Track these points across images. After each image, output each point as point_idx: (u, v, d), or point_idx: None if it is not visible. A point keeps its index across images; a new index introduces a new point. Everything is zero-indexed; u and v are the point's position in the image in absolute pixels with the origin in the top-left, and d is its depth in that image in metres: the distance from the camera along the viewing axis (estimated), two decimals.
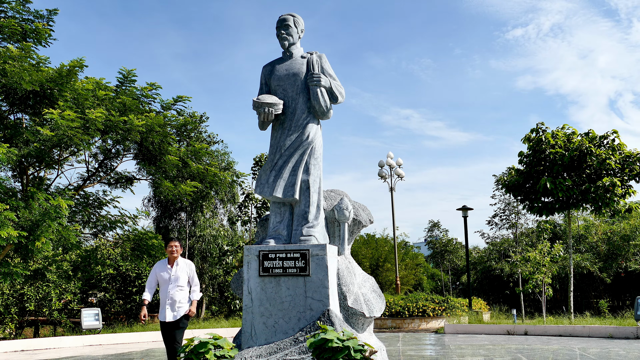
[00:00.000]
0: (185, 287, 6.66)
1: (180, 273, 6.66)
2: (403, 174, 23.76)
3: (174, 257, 6.71)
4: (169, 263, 6.73)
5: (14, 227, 11.12)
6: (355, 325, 6.22)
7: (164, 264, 6.77)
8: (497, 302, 29.26)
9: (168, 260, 6.77)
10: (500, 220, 29.88)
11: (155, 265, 6.85)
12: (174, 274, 6.64)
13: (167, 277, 6.64)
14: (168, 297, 6.55)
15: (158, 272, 6.73)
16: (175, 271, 6.65)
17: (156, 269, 6.78)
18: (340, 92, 6.51)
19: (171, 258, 6.73)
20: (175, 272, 6.64)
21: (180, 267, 6.70)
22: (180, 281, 6.63)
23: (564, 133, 18.43)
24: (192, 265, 6.84)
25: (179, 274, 6.64)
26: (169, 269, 6.68)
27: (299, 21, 6.66)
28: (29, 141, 12.72)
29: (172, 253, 6.71)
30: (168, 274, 6.65)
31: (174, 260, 6.72)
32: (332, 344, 4.76)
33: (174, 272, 6.65)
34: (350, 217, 6.43)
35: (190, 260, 6.57)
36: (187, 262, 6.81)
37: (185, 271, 6.70)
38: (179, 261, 6.73)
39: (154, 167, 14.46)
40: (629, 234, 26.87)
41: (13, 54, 11.79)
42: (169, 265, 6.72)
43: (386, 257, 33.24)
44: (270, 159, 6.43)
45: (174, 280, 6.60)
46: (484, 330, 15.24)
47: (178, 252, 6.74)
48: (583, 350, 10.67)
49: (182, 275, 6.66)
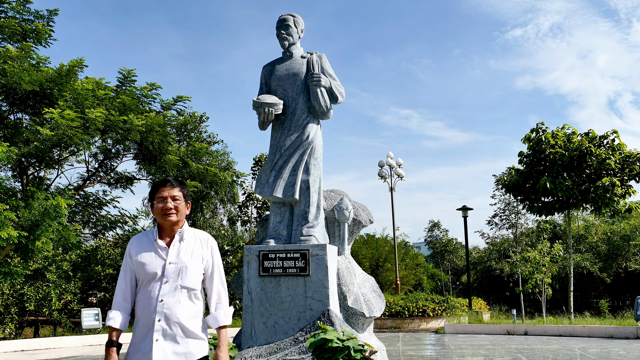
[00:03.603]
0: (197, 291, 3.03)
1: (187, 259, 3.01)
2: (403, 174, 23.76)
3: (172, 221, 3.05)
4: (162, 236, 3.09)
5: (14, 227, 11.12)
6: (355, 325, 6.22)
7: (150, 240, 3.08)
8: (497, 302, 29.25)
9: (159, 230, 3.11)
10: (500, 220, 29.90)
11: (130, 243, 3.13)
12: (173, 259, 2.99)
13: (159, 266, 2.98)
14: (157, 314, 2.91)
15: (137, 257, 3.03)
16: (177, 254, 3.01)
17: (132, 252, 3.06)
18: (340, 92, 6.52)
19: (166, 225, 3.06)
20: (177, 257, 3.00)
21: (188, 245, 3.06)
22: (189, 277, 2.98)
23: (564, 133, 18.43)
24: (212, 242, 3.17)
25: (185, 260, 3.00)
26: (161, 249, 3.03)
27: (299, 21, 6.66)
28: (29, 141, 12.73)
29: (167, 213, 3.04)
30: (160, 259, 3.00)
31: (173, 230, 3.08)
32: (332, 344, 4.76)
33: (173, 255, 3.00)
34: (350, 217, 6.44)
35: (208, 234, 3.23)
36: (203, 237, 3.16)
37: (199, 255, 3.06)
38: (184, 233, 3.09)
39: (154, 167, 14.46)
40: (629, 234, 26.86)
41: (13, 54, 11.80)
42: (160, 240, 3.06)
43: (386, 257, 33.23)
44: (270, 159, 6.43)
45: (172, 275, 2.96)
46: (484, 330, 15.24)
47: (181, 211, 3.09)
48: (583, 350, 10.67)
49: (193, 263, 3.02)
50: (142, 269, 3.01)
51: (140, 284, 3.05)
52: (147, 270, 3.00)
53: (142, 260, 3.03)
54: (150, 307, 2.94)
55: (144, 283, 3.02)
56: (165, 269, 2.99)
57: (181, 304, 2.96)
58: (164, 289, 2.95)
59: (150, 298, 2.97)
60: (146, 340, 2.92)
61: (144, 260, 3.03)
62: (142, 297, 3.01)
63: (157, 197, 3.11)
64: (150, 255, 3.03)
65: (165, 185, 3.13)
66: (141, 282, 3.04)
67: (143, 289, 3.02)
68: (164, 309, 2.92)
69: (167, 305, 2.93)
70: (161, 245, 3.05)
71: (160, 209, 3.07)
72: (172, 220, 3.07)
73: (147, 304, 2.96)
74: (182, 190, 3.16)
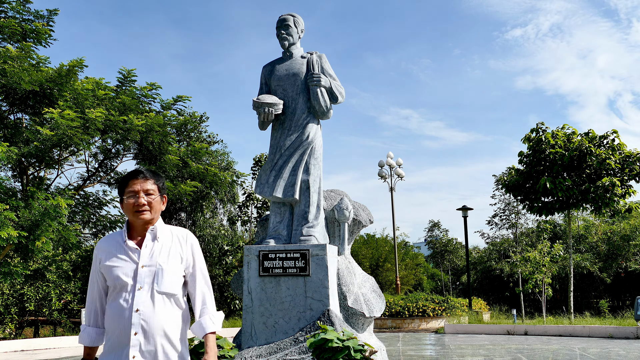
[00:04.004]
0: (178, 296, 2.66)
1: (163, 260, 2.64)
2: (403, 174, 23.77)
3: (145, 220, 2.67)
4: (133, 237, 2.71)
5: (14, 227, 11.12)
6: (355, 325, 6.22)
7: (119, 241, 2.69)
8: (497, 302, 29.24)
9: (129, 229, 2.73)
10: (500, 220, 29.90)
11: (98, 246, 2.75)
12: (146, 262, 2.62)
13: (130, 271, 2.60)
14: (133, 327, 2.52)
15: (106, 262, 2.65)
16: (150, 255, 2.64)
17: (100, 256, 2.68)
18: (340, 92, 6.51)
19: (138, 223, 2.69)
20: (150, 258, 2.63)
21: (163, 244, 2.69)
22: (166, 281, 2.61)
23: (564, 133, 18.43)
24: (192, 239, 2.79)
25: (160, 261, 2.63)
26: (132, 251, 2.65)
27: (299, 21, 6.66)
28: (29, 141, 12.73)
29: (139, 210, 2.66)
30: (131, 262, 2.62)
31: (145, 229, 2.70)
32: (332, 344, 4.76)
33: (146, 257, 2.63)
34: (350, 217, 6.44)
35: (188, 231, 2.84)
36: (181, 234, 2.78)
37: (176, 255, 2.69)
38: (158, 230, 2.71)
39: (154, 166, 14.47)
40: (629, 234, 26.87)
41: (13, 54, 11.80)
42: (130, 241, 2.67)
43: (386, 257, 33.24)
44: (270, 159, 6.43)
45: (147, 280, 2.59)
46: (484, 330, 15.24)
47: (155, 208, 2.70)
48: (583, 350, 10.67)
49: (170, 265, 2.65)
50: (112, 275, 2.62)
51: (111, 292, 2.64)
52: (117, 277, 2.59)
53: (111, 265, 2.63)
54: (124, 318, 2.53)
55: (115, 291, 2.62)
56: (138, 274, 2.59)
57: (160, 312, 2.56)
58: (139, 297, 2.54)
59: (123, 308, 2.55)
60: (121, 358, 2.51)
61: (113, 265, 2.62)
62: (113, 308, 2.58)
63: (128, 191, 2.69)
64: (120, 259, 2.63)
65: (136, 177, 2.70)
66: (112, 291, 2.63)
67: (114, 298, 2.61)
68: (140, 320, 2.52)
69: (144, 316, 2.52)
70: (132, 247, 2.65)
71: (131, 206, 2.66)
72: (145, 218, 2.66)
73: (120, 316, 2.54)
74: (157, 182, 2.75)
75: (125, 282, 2.58)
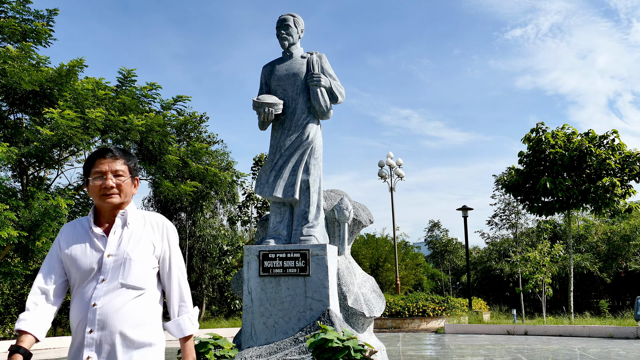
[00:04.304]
0: (146, 290, 2.33)
1: (132, 248, 2.33)
2: (403, 174, 23.77)
3: (113, 204, 2.36)
4: (101, 223, 2.41)
5: (14, 227, 11.12)
6: (355, 325, 6.22)
7: (85, 228, 2.39)
8: (497, 302, 29.25)
9: (96, 215, 2.42)
10: (500, 220, 29.92)
11: (61, 232, 2.44)
12: (113, 251, 2.31)
13: (94, 260, 2.30)
14: (89, 324, 2.22)
15: (68, 250, 2.34)
16: (117, 243, 2.33)
17: (62, 242, 2.38)
18: (340, 92, 6.52)
19: (105, 208, 2.38)
20: (118, 247, 2.32)
21: (134, 231, 2.38)
22: (134, 272, 2.30)
23: (564, 133, 18.44)
24: (167, 226, 2.47)
25: (128, 250, 2.32)
26: (98, 238, 2.35)
27: (299, 21, 6.66)
28: (29, 141, 12.73)
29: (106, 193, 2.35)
30: (96, 251, 2.32)
31: (114, 215, 2.40)
32: (332, 344, 4.76)
33: (113, 245, 2.32)
34: (350, 217, 6.44)
35: (164, 217, 2.50)
36: (155, 221, 2.46)
37: (148, 243, 2.38)
38: (129, 215, 2.40)
39: (154, 166, 14.47)
40: (629, 234, 26.88)
41: (13, 54, 11.81)
42: (97, 227, 2.36)
43: (386, 257, 33.24)
44: (270, 159, 6.43)
45: (111, 271, 2.28)
46: (484, 330, 15.24)
47: (125, 191, 2.39)
48: (583, 350, 10.67)
49: (140, 254, 2.34)
50: (74, 264, 2.31)
51: (73, 285, 2.35)
52: (80, 266, 2.29)
53: (73, 254, 2.32)
54: (82, 314, 2.24)
55: (77, 284, 2.31)
56: (103, 263, 2.27)
57: (123, 308, 2.22)
58: (100, 290, 2.24)
59: (82, 303, 2.26)
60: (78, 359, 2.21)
61: (75, 254, 2.32)
62: (74, 303, 2.29)
63: (94, 171, 2.37)
64: (83, 247, 2.33)
65: (104, 156, 2.40)
66: (73, 283, 2.34)
67: (75, 291, 2.32)
68: (97, 316, 2.20)
69: (103, 311, 2.21)
70: (98, 234, 2.34)
71: (98, 188, 2.35)
72: (113, 202, 2.35)
73: (79, 311, 2.25)
74: (128, 162, 2.45)
75: (88, 273, 2.29)
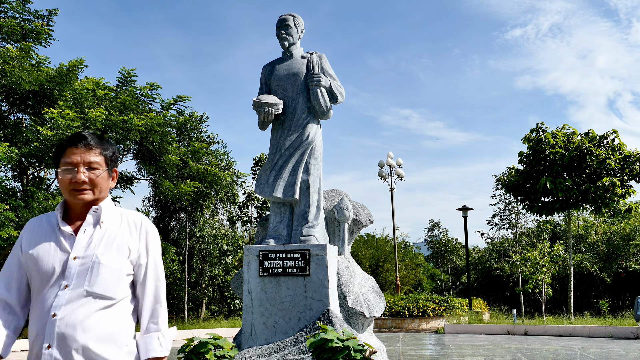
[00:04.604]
0: (117, 300, 1.99)
1: (102, 251, 1.98)
2: (403, 174, 23.77)
3: (85, 201, 2.02)
4: (71, 220, 2.06)
5: (14, 227, 11.12)
6: (355, 325, 6.22)
7: (52, 225, 2.05)
8: (497, 302, 29.26)
9: (66, 210, 2.09)
10: (500, 220, 29.90)
11: (24, 229, 2.10)
12: (80, 252, 1.96)
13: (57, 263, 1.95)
14: (47, 338, 1.87)
15: (30, 250, 2.00)
16: (86, 244, 1.99)
17: (24, 241, 2.04)
18: (340, 92, 6.51)
19: (77, 205, 2.05)
20: (86, 248, 1.98)
21: (108, 231, 2.04)
22: (103, 279, 1.95)
23: (564, 133, 18.44)
24: (147, 226, 2.12)
25: (98, 253, 1.97)
26: (65, 237, 2.01)
27: (299, 21, 6.66)
28: (29, 141, 12.73)
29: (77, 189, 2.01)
30: (62, 251, 1.97)
31: (85, 210, 2.06)
32: (332, 344, 4.76)
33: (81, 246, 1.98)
34: (350, 217, 6.43)
35: (144, 216, 2.15)
36: (134, 220, 2.12)
37: (123, 246, 2.03)
38: (103, 212, 2.05)
39: (154, 166, 14.47)
40: (629, 234, 26.88)
41: (13, 54, 11.81)
42: (66, 225, 2.02)
43: (386, 257, 33.25)
44: (270, 159, 6.43)
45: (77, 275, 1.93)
46: (484, 330, 15.24)
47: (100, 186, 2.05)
48: (583, 350, 10.67)
49: (112, 258, 1.99)
50: (35, 266, 1.95)
51: (33, 290, 1.98)
52: (40, 268, 1.93)
53: (35, 254, 1.96)
54: (39, 326, 1.89)
55: (37, 289, 1.95)
56: (67, 267, 1.91)
57: (88, 321, 1.88)
58: (61, 298, 1.88)
59: (41, 313, 1.90)
60: None
61: (37, 254, 1.96)
62: (32, 313, 1.96)
63: (64, 162, 2.01)
64: (47, 247, 1.97)
65: (76, 144, 2.01)
66: (33, 288, 1.97)
67: (35, 299, 1.96)
68: (56, 329, 1.84)
69: (64, 323, 1.85)
70: (66, 232, 1.99)
71: (68, 182, 1.99)
72: (85, 199, 2.00)
73: (36, 323, 1.90)
74: (104, 152, 2.06)
75: (49, 276, 1.92)
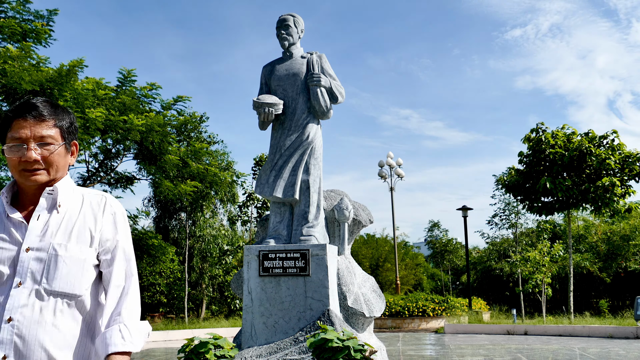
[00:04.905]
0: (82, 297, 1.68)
1: (61, 240, 1.66)
2: (403, 174, 23.78)
3: (38, 182, 1.68)
4: (22, 203, 1.73)
5: None
6: (355, 325, 6.22)
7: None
8: (497, 302, 29.27)
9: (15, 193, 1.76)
10: (500, 220, 29.88)
11: None
12: (35, 243, 1.64)
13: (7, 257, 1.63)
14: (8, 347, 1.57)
15: None
16: (41, 232, 1.66)
17: None
18: (340, 92, 6.52)
19: (29, 187, 1.71)
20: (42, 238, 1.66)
21: (67, 216, 1.70)
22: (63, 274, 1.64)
23: (563, 133, 18.44)
24: (114, 207, 1.79)
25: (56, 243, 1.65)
26: (15, 226, 1.67)
27: (299, 21, 6.67)
28: None
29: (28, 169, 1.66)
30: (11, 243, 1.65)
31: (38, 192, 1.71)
32: (332, 344, 4.76)
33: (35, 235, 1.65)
34: (350, 217, 6.44)
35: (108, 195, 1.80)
36: (97, 200, 1.78)
37: (85, 232, 1.71)
38: (59, 194, 1.71)
39: (154, 167, 14.48)
40: (628, 234, 26.88)
41: (13, 54, 11.81)
42: (15, 212, 1.67)
43: (386, 257, 33.26)
44: (270, 159, 6.43)
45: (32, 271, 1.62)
46: (483, 330, 15.24)
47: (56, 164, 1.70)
48: (583, 350, 10.68)
49: (74, 248, 1.67)
50: None
51: None
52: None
53: None
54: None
55: None
56: (20, 261, 1.62)
57: (50, 325, 1.61)
58: (16, 298, 1.60)
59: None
60: None
61: None
62: None
63: (11, 137, 1.67)
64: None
65: (24, 116, 1.67)
66: None
67: None
68: (13, 336, 1.58)
69: (21, 329, 1.59)
70: (15, 220, 1.67)
71: (17, 162, 1.66)
72: (38, 181, 1.68)
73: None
74: (59, 123, 1.72)
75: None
